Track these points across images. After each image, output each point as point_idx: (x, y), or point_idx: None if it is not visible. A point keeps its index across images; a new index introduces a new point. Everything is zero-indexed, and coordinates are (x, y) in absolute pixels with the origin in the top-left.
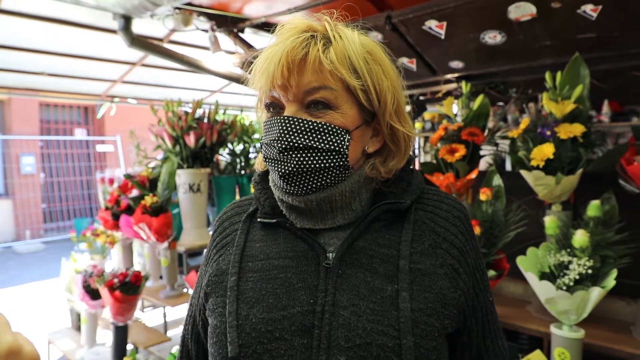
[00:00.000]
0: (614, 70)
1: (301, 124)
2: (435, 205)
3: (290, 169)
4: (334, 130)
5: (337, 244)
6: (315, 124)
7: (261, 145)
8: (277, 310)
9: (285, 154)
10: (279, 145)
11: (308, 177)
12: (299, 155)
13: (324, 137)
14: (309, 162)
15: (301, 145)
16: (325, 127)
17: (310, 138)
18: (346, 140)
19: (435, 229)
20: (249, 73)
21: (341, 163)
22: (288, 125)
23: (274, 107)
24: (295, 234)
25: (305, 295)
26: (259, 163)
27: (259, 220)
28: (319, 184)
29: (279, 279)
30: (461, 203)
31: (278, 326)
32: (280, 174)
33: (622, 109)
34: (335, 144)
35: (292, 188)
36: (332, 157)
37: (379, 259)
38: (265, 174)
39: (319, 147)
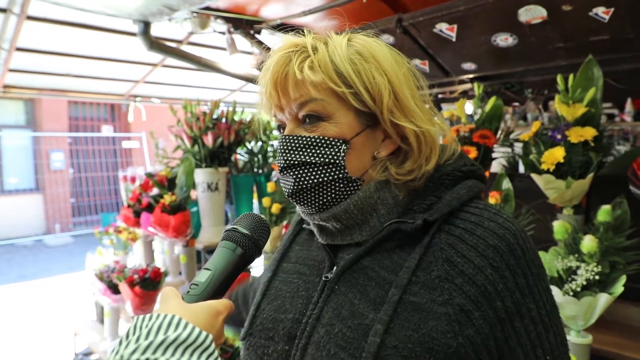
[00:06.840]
0: (634, 70)
1: (295, 141)
2: (467, 228)
3: (291, 187)
4: (327, 142)
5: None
6: (307, 139)
7: None
8: (280, 312)
9: (285, 172)
10: (280, 165)
11: (311, 194)
12: (296, 172)
13: (317, 151)
14: (306, 178)
15: (297, 162)
16: (317, 140)
17: (305, 154)
18: (341, 150)
19: (452, 257)
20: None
21: (340, 175)
22: (284, 144)
23: (282, 128)
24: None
25: (301, 305)
26: None
27: (303, 226)
28: (324, 199)
29: (293, 284)
30: (510, 229)
31: (275, 327)
32: (287, 193)
33: None
34: (330, 157)
35: (302, 207)
36: (328, 170)
37: (375, 281)
38: None
39: (313, 161)
